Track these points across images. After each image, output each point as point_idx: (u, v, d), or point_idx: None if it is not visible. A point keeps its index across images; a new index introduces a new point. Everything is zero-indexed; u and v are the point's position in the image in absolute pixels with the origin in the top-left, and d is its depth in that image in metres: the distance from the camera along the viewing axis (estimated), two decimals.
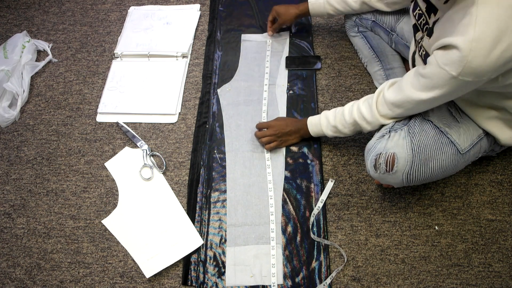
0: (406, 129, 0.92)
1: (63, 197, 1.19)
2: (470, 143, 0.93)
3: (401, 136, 0.91)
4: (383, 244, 1.07)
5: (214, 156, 1.22)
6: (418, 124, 0.92)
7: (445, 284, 1.02)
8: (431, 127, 0.92)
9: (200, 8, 1.55)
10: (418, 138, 0.90)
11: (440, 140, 0.90)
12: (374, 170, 0.93)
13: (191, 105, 1.33)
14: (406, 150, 0.89)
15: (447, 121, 0.93)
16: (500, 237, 1.06)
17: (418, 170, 0.90)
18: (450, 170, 0.94)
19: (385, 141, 0.92)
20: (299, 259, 1.05)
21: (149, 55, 1.43)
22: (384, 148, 0.91)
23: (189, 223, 1.11)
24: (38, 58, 1.48)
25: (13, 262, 1.11)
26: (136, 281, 1.06)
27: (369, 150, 0.96)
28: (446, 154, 0.91)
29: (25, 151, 1.28)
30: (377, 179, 0.97)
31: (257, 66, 1.38)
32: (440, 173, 0.93)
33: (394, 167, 0.90)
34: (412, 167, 0.89)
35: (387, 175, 0.92)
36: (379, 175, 0.94)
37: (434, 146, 0.90)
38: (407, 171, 0.90)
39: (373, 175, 0.95)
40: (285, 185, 1.16)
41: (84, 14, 1.58)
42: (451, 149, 0.91)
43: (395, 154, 0.89)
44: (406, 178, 0.91)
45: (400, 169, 0.90)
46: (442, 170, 0.92)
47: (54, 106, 1.36)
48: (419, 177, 0.91)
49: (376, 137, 0.97)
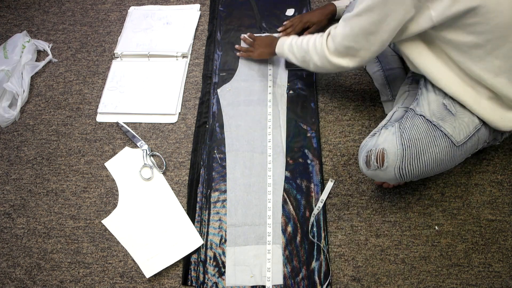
0: (397, 125, 0.93)
1: (63, 197, 1.19)
2: (466, 135, 0.92)
3: (391, 132, 0.92)
4: (383, 244, 1.07)
5: (214, 156, 1.22)
6: (409, 119, 0.93)
7: (445, 284, 1.02)
8: (422, 121, 0.92)
9: (200, 8, 1.55)
10: (409, 132, 0.90)
11: (432, 134, 0.90)
12: (366, 168, 0.95)
13: (191, 105, 1.33)
14: (395, 145, 0.90)
15: (441, 114, 0.92)
16: (500, 237, 1.06)
17: (410, 164, 0.90)
18: (447, 163, 0.93)
19: (375, 138, 0.94)
20: (299, 259, 1.05)
21: (149, 55, 1.43)
22: (374, 145, 0.93)
23: (189, 223, 1.11)
24: (38, 58, 1.48)
25: (13, 262, 1.11)
26: (136, 281, 1.06)
27: (361, 148, 0.98)
28: (439, 147, 0.90)
29: (25, 151, 1.28)
30: (370, 176, 0.97)
31: (257, 66, 1.38)
32: (436, 167, 0.92)
33: (385, 163, 0.90)
34: (403, 162, 0.90)
35: (379, 171, 0.92)
36: (371, 172, 0.94)
37: (425, 139, 0.90)
38: (398, 166, 0.90)
39: (366, 173, 0.96)
40: (285, 185, 1.16)
41: (84, 14, 1.58)
42: (445, 141, 0.90)
43: (384, 149, 0.90)
44: (398, 173, 0.91)
45: (391, 164, 0.90)
46: (437, 163, 0.92)
47: (54, 106, 1.36)
48: (412, 172, 0.91)
49: (368, 136, 0.98)
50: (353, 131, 1.24)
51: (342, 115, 1.27)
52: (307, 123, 1.26)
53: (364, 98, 1.30)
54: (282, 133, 1.24)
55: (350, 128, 1.25)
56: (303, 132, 1.24)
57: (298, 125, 1.26)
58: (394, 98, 1.23)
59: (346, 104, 1.29)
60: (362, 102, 1.29)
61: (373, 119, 1.25)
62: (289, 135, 1.24)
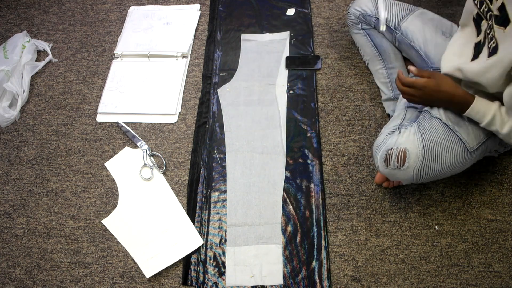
0: (416, 125, 0.92)
1: (63, 197, 1.19)
2: (478, 142, 0.93)
3: (411, 132, 0.91)
4: (383, 244, 1.07)
5: (214, 156, 1.22)
6: (427, 121, 0.92)
7: (445, 284, 1.02)
8: (439, 124, 0.92)
9: (200, 8, 1.55)
10: (429, 134, 0.90)
11: (450, 138, 0.90)
12: (384, 166, 0.93)
13: (191, 105, 1.33)
14: (417, 146, 0.89)
15: (456, 119, 0.93)
16: (500, 237, 1.06)
17: (428, 167, 0.90)
18: (458, 168, 0.94)
19: (395, 136, 0.92)
20: (299, 259, 1.05)
21: (149, 55, 1.43)
22: (395, 143, 0.91)
23: (189, 223, 1.11)
24: (38, 58, 1.48)
25: (13, 262, 1.11)
26: (136, 281, 1.06)
27: (378, 145, 0.96)
28: (455, 151, 0.90)
29: (25, 151, 1.28)
30: (386, 175, 0.96)
31: (257, 66, 1.38)
32: (449, 171, 0.93)
33: (406, 163, 0.89)
34: (423, 163, 0.89)
35: (398, 170, 0.92)
36: (389, 171, 0.93)
37: (444, 143, 0.90)
38: (418, 167, 0.90)
39: (382, 171, 0.95)
40: (285, 185, 1.16)
41: (84, 14, 1.58)
42: (460, 146, 0.90)
43: (407, 149, 0.89)
44: (416, 174, 0.91)
45: (412, 165, 0.89)
46: (451, 167, 0.92)
47: (54, 106, 1.36)
48: (429, 174, 0.91)
49: (385, 133, 0.97)
50: (353, 131, 1.24)
51: (342, 115, 1.27)
52: (307, 123, 1.26)
53: (364, 98, 1.30)
54: (282, 133, 1.24)
55: (350, 128, 1.25)
56: (303, 132, 1.24)
57: (298, 125, 1.26)
58: (396, 97, 1.23)
59: (346, 104, 1.29)
60: (362, 102, 1.29)
61: (373, 119, 1.25)
62: (289, 135, 1.24)
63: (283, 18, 1.48)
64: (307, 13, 1.49)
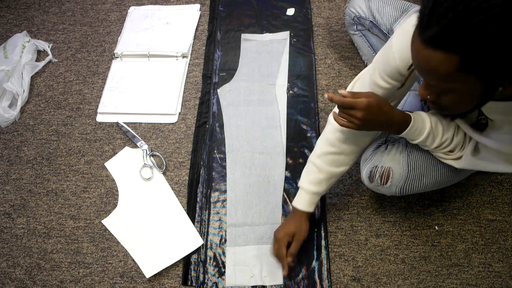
0: (404, 142, 0.92)
1: (63, 197, 1.19)
2: None
3: (398, 150, 0.91)
4: (383, 244, 1.07)
5: (214, 156, 1.22)
6: None
7: (445, 284, 1.02)
8: None
9: (200, 8, 1.55)
10: (415, 154, 0.90)
11: (436, 158, 0.89)
12: (368, 181, 0.96)
13: (191, 105, 1.33)
14: (401, 166, 0.90)
15: None
16: (500, 237, 1.06)
17: (411, 184, 0.91)
18: (444, 184, 0.95)
19: (381, 153, 0.93)
20: (299, 259, 1.05)
21: (149, 55, 1.43)
22: (380, 162, 0.92)
23: (189, 223, 1.11)
24: (38, 58, 1.48)
25: (13, 262, 1.11)
26: (136, 281, 1.06)
27: (365, 160, 0.97)
28: (440, 171, 0.91)
29: (25, 151, 1.28)
30: (371, 189, 0.99)
31: (257, 66, 1.38)
32: (434, 187, 0.94)
33: (389, 181, 0.91)
34: (406, 182, 0.90)
35: (381, 187, 0.94)
36: (373, 186, 0.96)
37: (430, 162, 0.90)
38: (401, 186, 0.91)
39: (367, 185, 0.98)
40: (285, 185, 1.16)
41: (84, 14, 1.58)
42: (447, 166, 0.89)
43: (391, 169, 0.90)
44: (399, 191, 0.93)
45: (394, 183, 0.91)
46: (436, 185, 0.93)
47: (54, 106, 1.36)
48: (411, 191, 0.93)
49: (372, 148, 0.97)
50: None
51: None
52: (307, 123, 1.26)
53: None
54: (282, 133, 1.24)
55: None
56: (303, 132, 1.24)
57: (298, 125, 1.26)
58: None
59: None
60: None
61: None
62: (289, 135, 1.24)
63: (283, 18, 1.48)
64: (307, 13, 1.49)
